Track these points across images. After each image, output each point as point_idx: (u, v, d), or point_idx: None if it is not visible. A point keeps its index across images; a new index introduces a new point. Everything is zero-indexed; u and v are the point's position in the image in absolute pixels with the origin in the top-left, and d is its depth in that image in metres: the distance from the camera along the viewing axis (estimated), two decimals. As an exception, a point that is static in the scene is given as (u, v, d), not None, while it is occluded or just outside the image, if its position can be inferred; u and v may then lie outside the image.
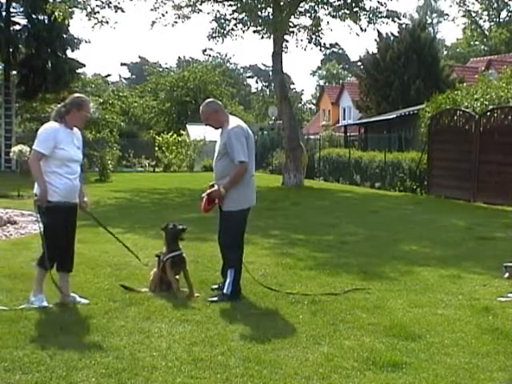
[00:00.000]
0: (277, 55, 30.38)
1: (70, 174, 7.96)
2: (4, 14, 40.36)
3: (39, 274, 8.09)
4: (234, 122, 8.82)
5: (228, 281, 8.51)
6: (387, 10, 30.98)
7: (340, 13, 30.96)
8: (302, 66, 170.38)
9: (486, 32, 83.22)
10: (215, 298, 8.39)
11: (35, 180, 7.87)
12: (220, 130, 8.93)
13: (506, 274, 8.79)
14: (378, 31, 46.04)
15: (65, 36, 41.16)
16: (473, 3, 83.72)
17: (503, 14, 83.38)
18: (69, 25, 39.96)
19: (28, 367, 5.87)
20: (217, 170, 8.96)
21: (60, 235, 7.95)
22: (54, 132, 7.93)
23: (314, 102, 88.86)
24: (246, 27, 31.55)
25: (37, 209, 8.05)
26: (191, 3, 30.73)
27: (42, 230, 8.02)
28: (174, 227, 8.84)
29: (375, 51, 47.67)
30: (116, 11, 30.33)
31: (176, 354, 6.26)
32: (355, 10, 30.71)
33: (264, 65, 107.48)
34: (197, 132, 49.41)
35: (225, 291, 8.51)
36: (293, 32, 32.31)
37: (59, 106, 8.25)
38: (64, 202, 7.89)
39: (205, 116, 8.90)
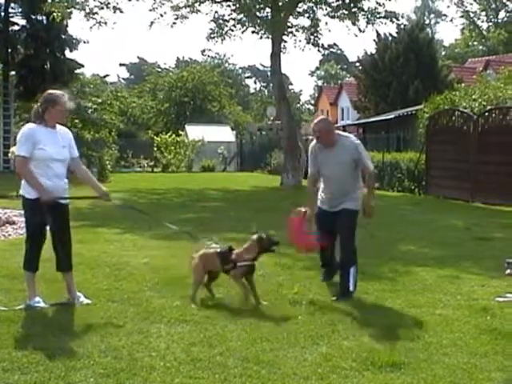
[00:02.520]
0: (275, 56, 30.41)
1: (49, 175, 7.80)
2: (2, 14, 40.37)
3: (27, 277, 8.05)
4: (348, 135, 9.37)
5: (352, 280, 8.76)
6: (385, 11, 31.06)
7: (338, 13, 31.05)
8: (301, 67, 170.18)
9: (484, 32, 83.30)
10: (339, 297, 8.58)
11: (29, 184, 7.78)
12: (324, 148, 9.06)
13: (508, 271, 8.80)
14: (377, 32, 46.20)
15: (63, 36, 41.12)
16: (471, 4, 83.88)
17: (501, 14, 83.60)
18: (67, 25, 40.06)
19: (27, 367, 5.87)
20: (345, 185, 9.00)
21: (41, 234, 7.91)
22: (31, 132, 7.78)
23: (313, 102, 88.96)
24: (245, 28, 31.65)
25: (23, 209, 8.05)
26: (189, 4, 30.77)
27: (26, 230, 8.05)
28: (268, 240, 8.35)
29: (374, 52, 47.74)
30: (114, 12, 30.37)
31: (174, 355, 6.26)
32: (353, 10, 30.78)
33: (262, 65, 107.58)
34: (195, 132, 49.53)
35: (351, 289, 8.76)
36: (291, 32, 32.40)
37: (35, 106, 8.03)
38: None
39: (318, 132, 8.95)
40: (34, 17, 40.16)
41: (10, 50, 40.34)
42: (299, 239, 9.18)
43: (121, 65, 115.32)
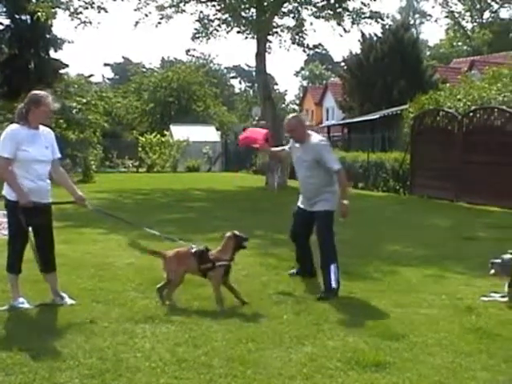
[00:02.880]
0: (260, 56, 30.42)
1: (33, 176, 7.76)
2: (-14, 14, 40.28)
3: (11, 279, 8.02)
4: (316, 136, 9.39)
5: (334, 277, 8.84)
6: (370, 11, 31.11)
7: (323, 13, 31.07)
8: (286, 67, 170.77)
9: (469, 33, 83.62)
10: (323, 295, 8.68)
11: (10, 187, 7.72)
12: (297, 143, 9.41)
13: (492, 271, 8.82)
14: (362, 32, 46.22)
15: (48, 36, 41.06)
16: (455, 4, 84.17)
17: (486, 14, 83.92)
18: (52, 25, 39.93)
19: (11, 368, 5.85)
20: (312, 184, 9.22)
21: (23, 236, 7.86)
22: (13, 133, 7.73)
23: (298, 102, 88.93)
24: (230, 28, 31.65)
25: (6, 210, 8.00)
26: (174, 3, 30.76)
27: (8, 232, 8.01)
28: (241, 236, 8.48)
29: (359, 52, 47.79)
30: (99, 11, 30.34)
31: (159, 355, 6.25)
32: (338, 10, 30.81)
33: (247, 65, 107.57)
34: (180, 132, 49.45)
35: (334, 286, 8.84)
36: (276, 32, 32.40)
37: (19, 107, 7.97)
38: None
39: (290, 127, 9.33)
40: (18, 16, 40.07)
41: (-6, 50, 40.24)
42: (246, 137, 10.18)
43: (105, 65, 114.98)
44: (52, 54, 42.04)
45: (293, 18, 32.30)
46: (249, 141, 10.36)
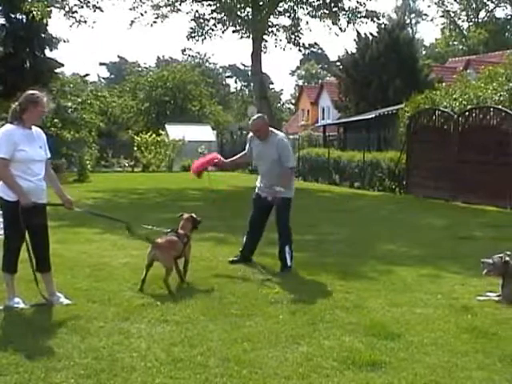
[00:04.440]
0: (256, 55, 30.45)
1: (30, 176, 7.75)
2: (-19, 13, 40.17)
3: (6, 278, 8.01)
4: (279, 133, 10.66)
5: (288, 256, 10.35)
6: (366, 10, 31.19)
7: (319, 13, 31.14)
8: (282, 66, 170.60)
9: (465, 32, 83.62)
10: (282, 273, 10.16)
11: (9, 188, 7.68)
12: (258, 139, 10.54)
13: (485, 270, 8.84)
14: (357, 31, 46.17)
15: (43, 35, 40.96)
16: (451, 3, 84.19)
17: (482, 14, 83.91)
18: (47, 24, 39.84)
19: (6, 369, 5.83)
20: (271, 173, 10.49)
21: (19, 236, 7.84)
22: (9, 134, 7.70)
23: (293, 101, 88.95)
24: (225, 27, 31.73)
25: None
26: (170, 3, 30.86)
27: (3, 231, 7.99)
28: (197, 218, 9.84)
29: (354, 51, 47.73)
30: (94, 10, 30.42)
31: (155, 355, 6.24)
32: (334, 9, 30.87)
33: (243, 64, 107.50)
34: (176, 132, 49.41)
35: (289, 264, 10.34)
36: (272, 32, 32.46)
37: (14, 106, 7.91)
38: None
39: (257, 127, 10.46)
40: (13, 15, 39.97)
41: (-12, 49, 40.13)
42: (195, 167, 11.07)
43: (101, 64, 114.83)
44: (47, 53, 41.97)
45: (288, 17, 32.42)
46: (199, 167, 11.17)
